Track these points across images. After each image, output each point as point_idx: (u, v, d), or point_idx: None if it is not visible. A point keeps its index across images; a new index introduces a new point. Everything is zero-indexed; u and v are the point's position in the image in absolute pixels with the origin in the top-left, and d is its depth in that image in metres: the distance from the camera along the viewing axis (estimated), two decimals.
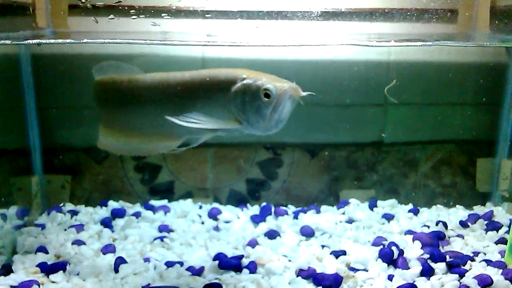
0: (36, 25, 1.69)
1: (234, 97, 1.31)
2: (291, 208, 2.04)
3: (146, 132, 1.44)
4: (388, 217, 1.93)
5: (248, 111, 1.30)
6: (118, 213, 1.91)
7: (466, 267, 1.54)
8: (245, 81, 1.31)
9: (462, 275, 1.47)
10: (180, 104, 1.37)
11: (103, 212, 1.95)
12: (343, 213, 1.99)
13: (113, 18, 1.55)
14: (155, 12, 1.59)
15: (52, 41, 1.69)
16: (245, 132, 1.37)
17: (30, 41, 1.58)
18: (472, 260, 1.58)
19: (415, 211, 2.01)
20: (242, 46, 1.74)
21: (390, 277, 1.47)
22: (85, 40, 1.64)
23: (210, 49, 1.88)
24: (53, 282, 1.44)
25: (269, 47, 1.90)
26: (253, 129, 1.34)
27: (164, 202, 2.04)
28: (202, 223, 1.90)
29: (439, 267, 1.51)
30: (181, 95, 1.37)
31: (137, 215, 1.91)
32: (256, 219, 1.90)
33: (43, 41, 1.63)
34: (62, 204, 1.95)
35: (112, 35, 1.61)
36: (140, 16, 1.57)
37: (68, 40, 1.63)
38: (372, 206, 2.04)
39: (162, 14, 1.57)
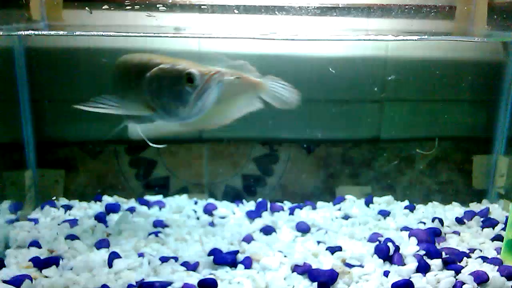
0: (30, 18, 1.67)
1: (149, 83, 1.24)
2: (287, 204, 2.03)
3: None
4: (384, 214, 1.93)
5: (165, 97, 1.23)
6: (112, 208, 1.89)
7: (462, 263, 1.54)
8: (161, 66, 1.23)
9: (458, 271, 1.47)
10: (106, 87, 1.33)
11: (97, 207, 1.93)
12: (339, 209, 1.98)
13: (108, 8, 1.54)
14: (150, 5, 1.58)
15: (45, 32, 1.67)
16: (157, 120, 1.30)
17: (22, 32, 1.55)
18: (468, 256, 1.58)
19: (411, 208, 2.01)
20: (238, 39, 1.72)
21: (386, 273, 1.46)
22: (77, 33, 1.62)
23: (207, 43, 1.86)
24: (46, 276, 1.42)
25: (265, 43, 1.89)
26: (168, 116, 1.26)
27: (159, 197, 2.03)
28: (198, 218, 1.89)
29: (435, 263, 1.50)
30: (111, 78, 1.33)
31: (131, 210, 1.89)
32: (252, 215, 1.89)
33: (35, 32, 1.61)
34: (54, 198, 1.93)
35: (107, 29, 1.59)
36: (135, 7, 1.55)
37: (61, 32, 1.61)
38: (368, 202, 2.04)
39: (157, 5, 1.55)
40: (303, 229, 1.77)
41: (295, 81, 1.61)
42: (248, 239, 1.68)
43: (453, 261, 1.52)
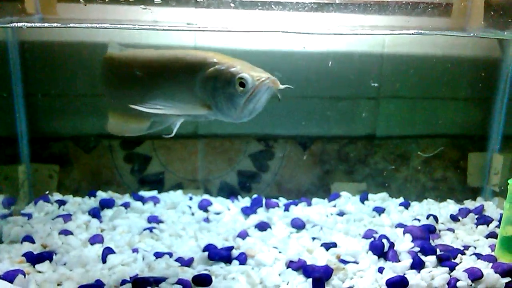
0: (24, 11, 1.66)
1: (205, 81, 1.25)
2: (282, 201, 2.03)
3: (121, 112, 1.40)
4: (379, 210, 1.93)
5: (219, 98, 1.24)
6: (106, 204, 1.88)
7: (457, 260, 1.54)
8: (217, 66, 1.24)
9: (452, 268, 1.47)
10: (147, 84, 1.32)
11: (91, 203, 1.92)
12: (334, 206, 1.99)
13: (102, 2, 1.52)
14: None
15: (38, 24, 1.65)
16: (212, 118, 1.32)
17: (16, 24, 1.54)
18: (463, 253, 1.58)
19: (406, 205, 2.01)
20: (233, 32, 1.71)
21: (381, 270, 1.47)
22: (71, 25, 1.60)
23: (202, 38, 1.85)
24: (39, 271, 1.41)
25: (261, 38, 1.88)
26: (223, 116, 1.28)
27: (154, 193, 2.02)
28: (192, 214, 1.88)
29: (430, 260, 1.51)
30: (149, 74, 1.32)
31: (126, 205, 1.89)
32: (247, 211, 1.89)
33: (29, 24, 1.59)
34: (48, 192, 1.92)
35: (101, 22, 1.58)
36: (130, 0, 1.54)
37: (55, 24, 1.59)
38: (363, 199, 2.04)
39: None
40: (298, 225, 1.77)
41: (291, 77, 1.60)
42: (243, 235, 1.67)
43: (447, 258, 1.52)
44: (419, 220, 1.83)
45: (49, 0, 1.67)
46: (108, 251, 1.50)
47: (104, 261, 1.47)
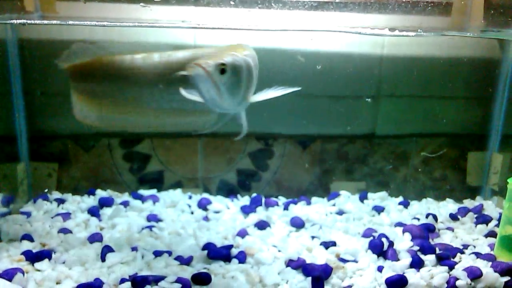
0: (24, 9, 1.65)
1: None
2: (281, 199, 2.03)
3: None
4: (379, 209, 1.93)
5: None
6: (106, 202, 1.88)
7: (456, 259, 1.54)
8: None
9: (451, 267, 1.47)
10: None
11: (90, 201, 1.92)
12: (334, 205, 1.98)
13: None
14: None
15: (37, 22, 1.65)
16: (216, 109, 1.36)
17: (15, 21, 1.54)
18: (462, 252, 1.58)
19: (406, 204, 2.01)
20: (233, 30, 1.71)
21: (380, 269, 1.47)
22: (70, 22, 1.60)
23: (202, 36, 1.85)
24: (38, 270, 1.41)
25: (260, 35, 1.88)
26: (207, 103, 1.31)
27: (153, 191, 2.01)
28: (192, 213, 1.88)
29: (429, 259, 1.51)
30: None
31: (125, 204, 1.88)
32: (246, 210, 1.89)
33: (28, 21, 1.59)
34: (46, 190, 1.92)
35: (101, 20, 1.58)
36: None
37: (54, 22, 1.59)
38: (363, 198, 2.04)
39: None
40: (297, 224, 1.77)
41: (291, 76, 1.61)
42: (242, 233, 1.67)
43: (446, 256, 1.52)
44: (418, 219, 1.83)
45: None
46: (107, 249, 1.50)
47: (103, 259, 1.47)
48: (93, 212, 1.81)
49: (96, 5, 1.60)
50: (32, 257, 1.45)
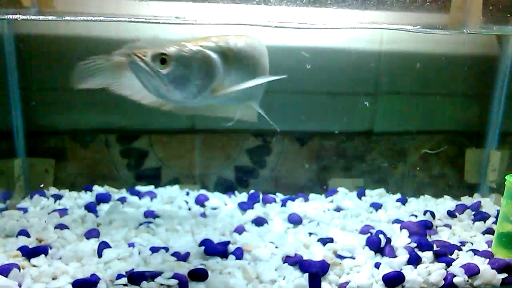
0: (20, 4, 1.64)
1: None
2: (279, 196, 2.03)
3: None
4: (376, 206, 1.93)
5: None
6: (103, 198, 1.88)
7: (453, 256, 1.54)
8: None
9: (449, 264, 1.46)
10: None
11: (87, 197, 1.91)
12: (331, 202, 1.98)
13: None
14: None
15: (34, 17, 1.64)
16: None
17: (11, 16, 1.53)
18: (459, 249, 1.58)
19: (403, 201, 2.01)
20: (229, 26, 1.70)
21: (377, 265, 1.46)
22: (67, 18, 1.59)
23: (199, 32, 1.84)
24: (34, 266, 1.40)
25: (258, 31, 1.87)
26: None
27: (151, 188, 2.01)
28: (189, 209, 1.88)
29: (426, 255, 1.50)
30: None
31: (122, 200, 1.88)
32: (244, 206, 1.89)
33: (24, 16, 1.58)
34: (43, 186, 1.91)
35: (98, 15, 1.57)
36: None
37: (50, 17, 1.58)
38: (361, 195, 2.03)
39: None
40: (295, 220, 1.77)
41: (289, 72, 1.58)
42: (239, 230, 1.67)
43: (444, 253, 1.52)
44: (416, 216, 1.83)
45: None
46: (104, 245, 1.50)
47: (100, 255, 1.47)
48: (90, 208, 1.80)
49: (93, 0, 1.59)
50: (29, 253, 1.44)
